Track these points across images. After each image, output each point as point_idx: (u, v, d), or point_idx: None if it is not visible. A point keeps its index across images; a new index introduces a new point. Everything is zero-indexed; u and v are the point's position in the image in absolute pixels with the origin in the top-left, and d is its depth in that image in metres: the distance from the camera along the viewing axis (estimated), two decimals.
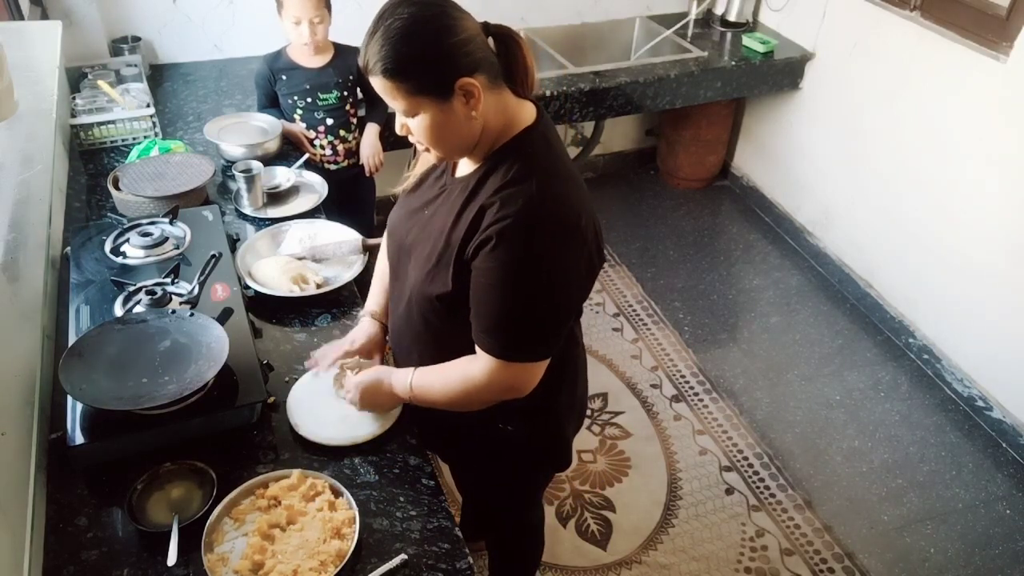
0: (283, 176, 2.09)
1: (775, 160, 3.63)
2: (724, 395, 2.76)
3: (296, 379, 1.45)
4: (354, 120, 2.48)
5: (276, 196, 2.04)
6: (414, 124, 1.10)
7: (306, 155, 2.26)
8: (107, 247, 1.67)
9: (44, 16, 2.48)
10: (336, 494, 1.23)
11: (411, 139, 1.15)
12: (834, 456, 2.56)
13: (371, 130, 2.48)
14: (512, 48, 1.13)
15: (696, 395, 2.76)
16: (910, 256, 2.92)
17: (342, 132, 2.45)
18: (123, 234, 1.71)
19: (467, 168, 1.19)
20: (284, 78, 2.34)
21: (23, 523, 1.13)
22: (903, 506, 2.41)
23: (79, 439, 1.24)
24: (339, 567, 1.11)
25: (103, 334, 1.36)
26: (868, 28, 2.93)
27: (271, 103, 2.41)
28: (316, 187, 2.09)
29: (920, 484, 2.48)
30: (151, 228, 1.72)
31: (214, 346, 1.34)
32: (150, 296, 1.49)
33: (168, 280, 1.57)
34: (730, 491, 2.42)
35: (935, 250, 2.80)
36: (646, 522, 2.31)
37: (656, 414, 2.67)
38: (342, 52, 2.38)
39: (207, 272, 1.58)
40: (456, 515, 1.75)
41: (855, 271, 3.22)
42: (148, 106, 2.26)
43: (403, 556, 1.17)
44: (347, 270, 1.77)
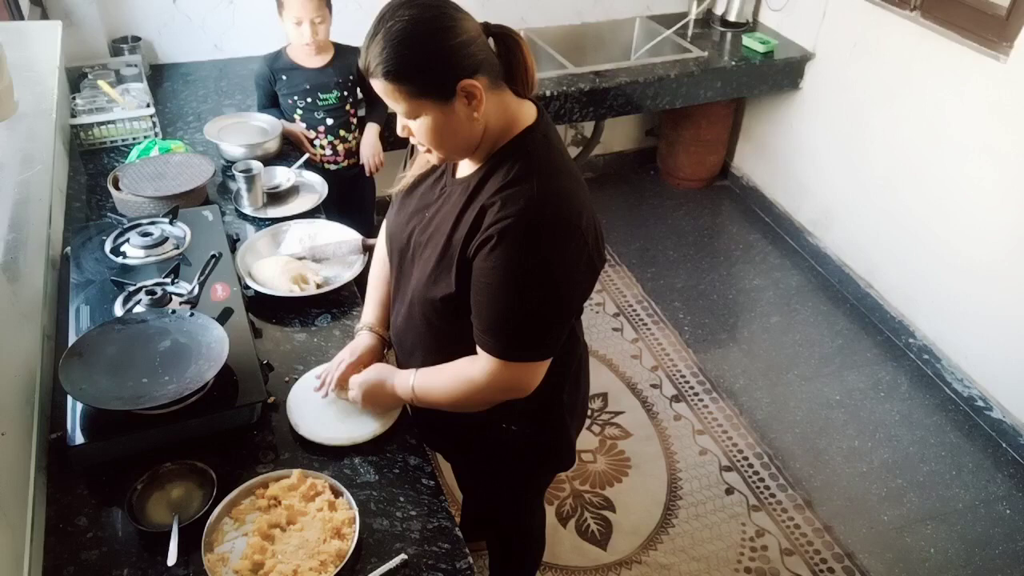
0: (283, 176, 2.09)
1: (775, 160, 3.63)
2: (724, 395, 2.76)
3: (296, 379, 1.45)
4: (354, 120, 2.48)
5: (276, 196, 2.04)
6: (416, 126, 1.10)
7: (306, 155, 2.26)
8: (107, 247, 1.67)
9: (44, 16, 2.48)
10: (336, 494, 1.23)
11: (413, 141, 1.15)
12: (834, 456, 2.56)
13: (371, 130, 2.48)
14: (512, 48, 1.13)
15: (696, 395, 2.76)
16: (910, 256, 2.92)
17: (342, 132, 2.45)
18: (123, 234, 1.71)
19: (468, 169, 1.19)
20: (284, 78, 2.34)
21: (23, 523, 1.13)
22: (903, 506, 2.41)
23: (79, 439, 1.24)
24: (339, 567, 1.11)
25: (103, 334, 1.36)
26: (868, 28, 2.93)
27: (271, 103, 2.41)
28: (316, 187, 2.09)
29: (920, 484, 2.48)
30: (151, 228, 1.72)
31: (214, 346, 1.34)
32: (150, 296, 1.49)
33: (168, 280, 1.57)
34: (730, 491, 2.42)
35: (935, 250, 2.80)
36: (646, 522, 2.31)
37: (656, 414, 2.67)
38: (342, 52, 2.38)
39: (207, 272, 1.58)
40: (456, 515, 1.75)
41: (855, 271, 3.22)
42: (148, 106, 2.26)
43: (403, 556, 1.17)
44: (347, 270, 1.77)
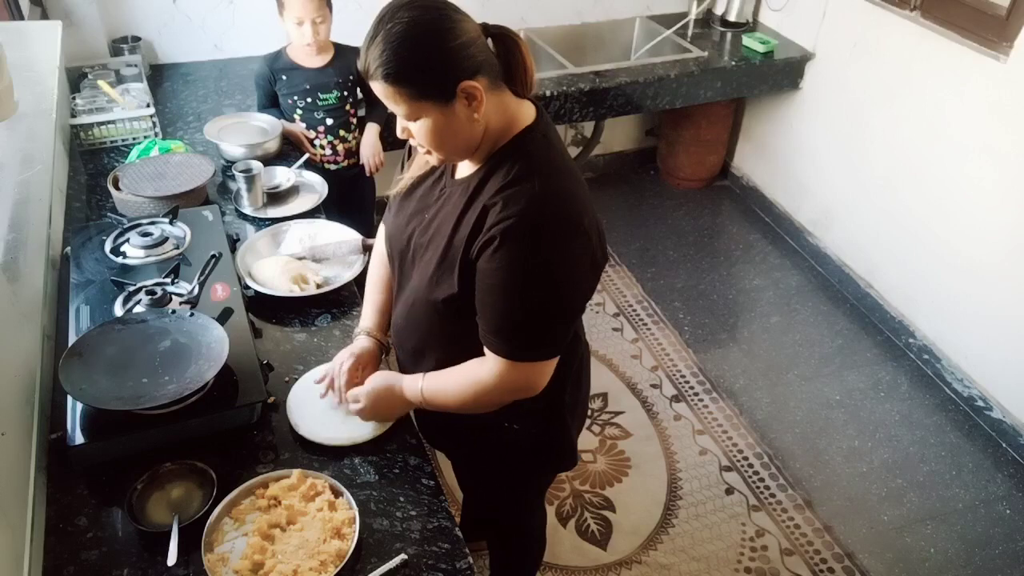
0: (283, 176, 2.09)
1: (775, 160, 3.63)
2: (724, 395, 2.76)
3: (296, 379, 1.45)
4: (354, 120, 2.48)
5: (276, 196, 2.04)
6: (416, 128, 1.10)
7: (306, 155, 2.26)
8: (107, 247, 1.67)
9: (44, 16, 2.48)
10: (336, 494, 1.23)
11: (412, 142, 1.15)
12: (834, 456, 2.56)
13: (371, 130, 2.48)
14: (512, 49, 1.13)
15: (696, 395, 2.76)
16: (910, 256, 2.92)
17: (342, 132, 2.45)
18: (123, 234, 1.71)
19: (467, 169, 1.19)
20: (284, 78, 2.34)
21: (23, 523, 1.13)
22: (903, 506, 2.41)
23: (79, 439, 1.24)
24: (339, 567, 1.11)
25: (103, 334, 1.36)
26: (868, 28, 2.93)
27: (271, 103, 2.41)
28: (316, 187, 2.09)
29: (920, 484, 2.48)
30: (151, 228, 1.72)
31: (214, 346, 1.34)
32: (150, 296, 1.49)
33: (168, 280, 1.57)
34: (730, 491, 2.42)
35: (935, 250, 2.80)
36: (646, 522, 2.31)
37: (656, 414, 2.67)
38: (342, 52, 2.38)
39: (207, 272, 1.58)
40: (456, 515, 1.75)
41: (855, 271, 3.22)
42: (148, 106, 2.26)
43: (403, 556, 1.17)
44: (347, 270, 1.77)
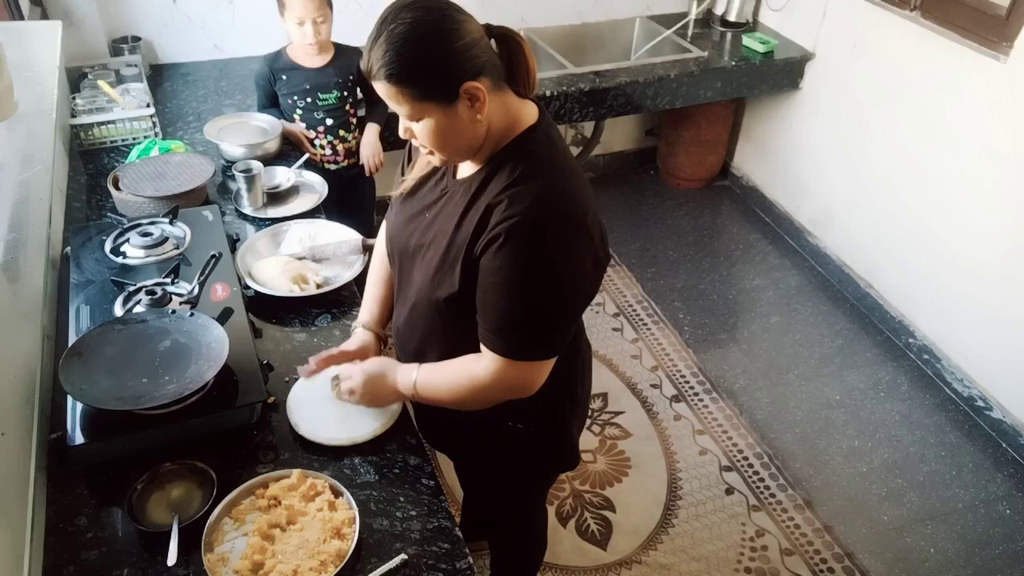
0: (283, 176, 2.09)
1: (775, 160, 3.63)
2: (724, 395, 2.76)
3: (296, 379, 1.45)
4: (354, 120, 2.48)
5: (276, 196, 2.04)
6: (418, 128, 1.10)
7: (306, 155, 2.26)
8: (107, 247, 1.67)
9: (44, 16, 2.48)
10: (336, 494, 1.23)
11: (414, 143, 1.15)
12: (834, 456, 2.56)
13: (371, 130, 2.48)
14: (515, 50, 1.13)
15: (696, 395, 2.76)
16: (910, 256, 2.92)
17: (342, 132, 2.45)
18: (123, 234, 1.71)
19: (469, 169, 1.19)
20: (284, 78, 2.34)
21: (23, 523, 1.13)
22: (903, 506, 2.41)
23: (79, 439, 1.24)
24: (339, 567, 1.11)
25: (103, 334, 1.36)
26: (868, 28, 2.93)
27: (271, 103, 2.41)
28: (316, 187, 2.09)
29: (920, 484, 2.48)
30: (151, 228, 1.72)
31: (214, 346, 1.34)
32: (150, 296, 1.49)
33: (168, 280, 1.57)
34: (730, 491, 2.42)
35: (935, 250, 2.80)
36: (646, 522, 2.31)
37: (656, 414, 2.67)
38: (342, 52, 2.38)
39: (207, 272, 1.58)
40: (456, 515, 1.75)
41: (855, 271, 3.22)
42: (148, 106, 2.26)
43: (403, 556, 1.17)
44: (347, 270, 1.77)
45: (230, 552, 1.13)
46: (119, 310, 1.49)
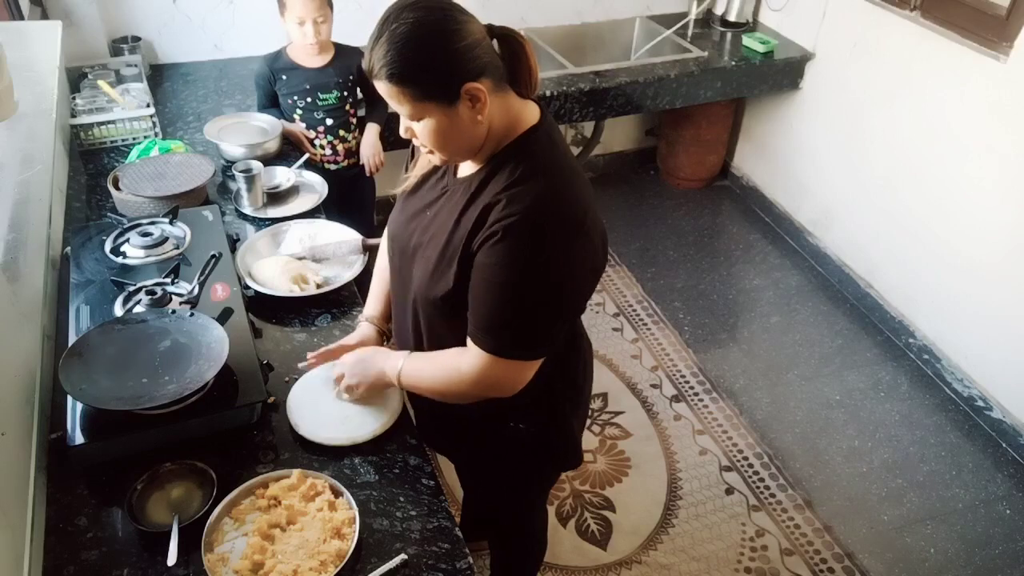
0: (283, 176, 2.09)
1: (775, 160, 3.63)
2: (724, 395, 2.76)
3: (296, 379, 1.45)
4: (354, 120, 2.48)
5: (276, 196, 2.04)
6: (419, 128, 1.10)
7: (306, 155, 2.26)
8: (107, 247, 1.67)
9: (44, 16, 2.48)
10: (336, 494, 1.23)
11: (415, 142, 1.15)
12: (834, 456, 2.56)
13: (371, 130, 2.48)
14: (517, 51, 1.13)
15: (696, 395, 2.76)
16: (910, 256, 2.92)
17: (342, 132, 2.45)
18: (123, 234, 1.71)
19: (470, 169, 1.19)
20: (284, 78, 2.34)
21: (23, 523, 1.13)
22: (903, 506, 2.41)
23: (79, 439, 1.24)
24: (339, 567, 1.11)
25: (103, 334, 1.36)
26: (868, 28, 2.93)
27: (271, 103, 2.41)
28: (316, 187, 2.09)
29: (920, 484, 2.48)
30: (151, 228, 1.72)
31: (214, 346, 1.34)
32: (150, 296, 1.49)
33: (168, 280, 1.57)
34: (730, 491, 2.42)
35: (935, 250, 2.80)
36: (646, 522, 2.31)
37: (656, 414, 2.67)
38: (342, 52, 2.38)
39: (207, 272, 1.58)
40: (456, 515, 1.75)
41: (855, 271, 3.22)
42: (148, 106, 2.26)
43: (403, 556, 1.17)
44: (347, 270, 1.77)
45: (230, 552, 1.13)
46: (119, 310, 1.49)
